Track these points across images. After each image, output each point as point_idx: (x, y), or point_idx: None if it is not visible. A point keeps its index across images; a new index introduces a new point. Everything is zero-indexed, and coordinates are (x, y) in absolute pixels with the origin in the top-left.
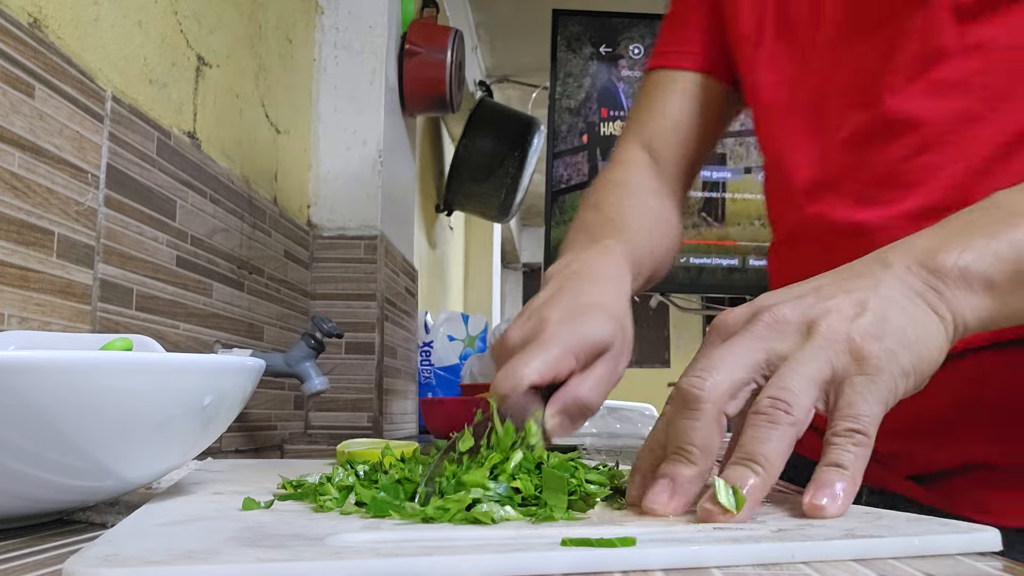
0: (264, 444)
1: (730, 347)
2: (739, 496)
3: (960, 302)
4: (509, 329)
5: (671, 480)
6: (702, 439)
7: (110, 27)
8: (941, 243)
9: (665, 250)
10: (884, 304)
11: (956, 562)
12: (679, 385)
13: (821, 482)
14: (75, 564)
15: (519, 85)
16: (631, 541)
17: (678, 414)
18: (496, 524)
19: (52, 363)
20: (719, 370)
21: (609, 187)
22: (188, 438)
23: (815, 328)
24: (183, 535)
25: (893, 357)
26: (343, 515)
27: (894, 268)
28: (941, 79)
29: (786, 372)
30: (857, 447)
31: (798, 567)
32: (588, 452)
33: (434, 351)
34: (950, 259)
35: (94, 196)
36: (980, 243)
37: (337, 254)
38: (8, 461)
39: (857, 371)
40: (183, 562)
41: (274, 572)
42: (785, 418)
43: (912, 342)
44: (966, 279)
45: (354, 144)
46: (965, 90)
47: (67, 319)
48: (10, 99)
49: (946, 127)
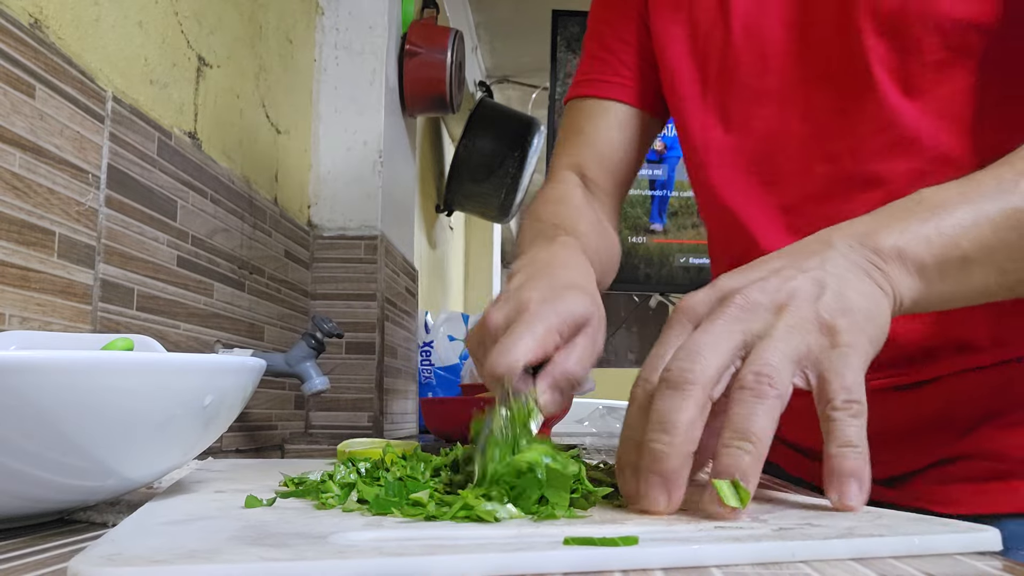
0: (265, 444)
1: (708, 331)
2: (742, 490)
3: (898, 280)
4: (489, 312)
5: (661, 476)
6: (687, 418)
7: (111, 27)
8: (878, 226)
9: (607, 256)
10: (838, 280)
11: (956, 562)
12: (667, 368)
13: (841, 473)
14: (80, 563)
15: (519, 85)
16: (633, 540)
17: (663, 395)
18: (498, 523)
19: (53, 363)
20: (704, 355)
21: (549, 203)
22: (189, 438)
23: (785, 308)
24: (186, 534)
25: (860, 329)
26: (345, 513)
27: (837, 247)
28: (896, 140)
29: (765, 349)
30: (856, 417)
31: (798, 566)
32: (588, 451)
33: (434, 351)
34: (889, 240)
35: (95, 196)
36: (913, 229)
37: (337, 254)
38: (9, 461)
39: (832, 344)
40: (186, 561)
41: (277, 571)
42: (771, 391)
43: (873, 314)
44: (902, 259)
45: (354, 144)
46: (917, 150)
47: (68, 319)
48: (11, 99)
49: (905, 184)
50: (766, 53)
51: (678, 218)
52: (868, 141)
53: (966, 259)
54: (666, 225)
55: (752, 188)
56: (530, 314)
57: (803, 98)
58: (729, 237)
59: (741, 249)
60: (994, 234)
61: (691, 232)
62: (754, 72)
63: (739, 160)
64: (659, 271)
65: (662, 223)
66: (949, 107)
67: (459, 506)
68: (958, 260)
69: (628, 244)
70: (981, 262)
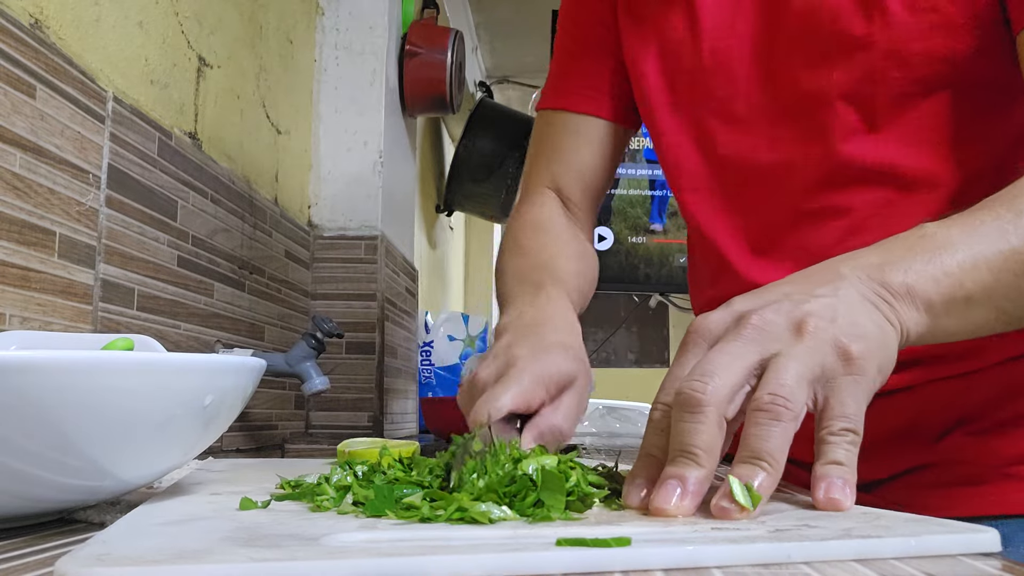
0: (265, 444)
1: (724, 351)
2: (754, 494)
3: (905, 316)
4: (479, 370)
5: (680, 481)
6: (706, 441)
7: (111, 28)
8: (885, 261)
9: (589, 286)
10: (850, 309)
11: (956, 562)
12: (680, 390)
13: (828, 479)
14: (67, 564)
15: (519, 86)
16: (626, 541)
17: (680, 419)
18: (493, 524)
19: (53, 363)
20: (718, 375)
21: (528, 230)
22: (189, 438)
23: (803, 329)
24: (178, 535)
25: (873, 357)
26: (340, 515)
27: (848, 278)
28: (860, 174)
29: (781, 369)
30: (851, 445)
31: (799, 567)
32: (588, 452)
33: (434, 351)
34: (897, 276)
35: (95, 196)
36: (919, 267)
37: (338, 254)
38: (9, 460)
39: (844, 371)
40: (175, 562)
41: (266, 572)
42: (786, 414)
43: (883, 344)
44: (912, 296)
45: (355, 145)
46: (884, 180)
47: (68, 319)
48: (11, 100)
49: (870, 211)
50: (734, 77)
51: (678, 218)
52: (834, 174)
53: (969, 299)
54: (666, 225)
55: (720, 213)
56: (518, 369)
57: (768, 127)
58: (705, 255)
59: (715, 267)
60: (993, 276)
61: None
62: (723, 96)
63: (711, 184)
64: (659, 271)
65: (662, 223)
66: (916, 134)
67: (453, 507)
68: (963, 299)
69: (628, 244)
70: (982, 302)
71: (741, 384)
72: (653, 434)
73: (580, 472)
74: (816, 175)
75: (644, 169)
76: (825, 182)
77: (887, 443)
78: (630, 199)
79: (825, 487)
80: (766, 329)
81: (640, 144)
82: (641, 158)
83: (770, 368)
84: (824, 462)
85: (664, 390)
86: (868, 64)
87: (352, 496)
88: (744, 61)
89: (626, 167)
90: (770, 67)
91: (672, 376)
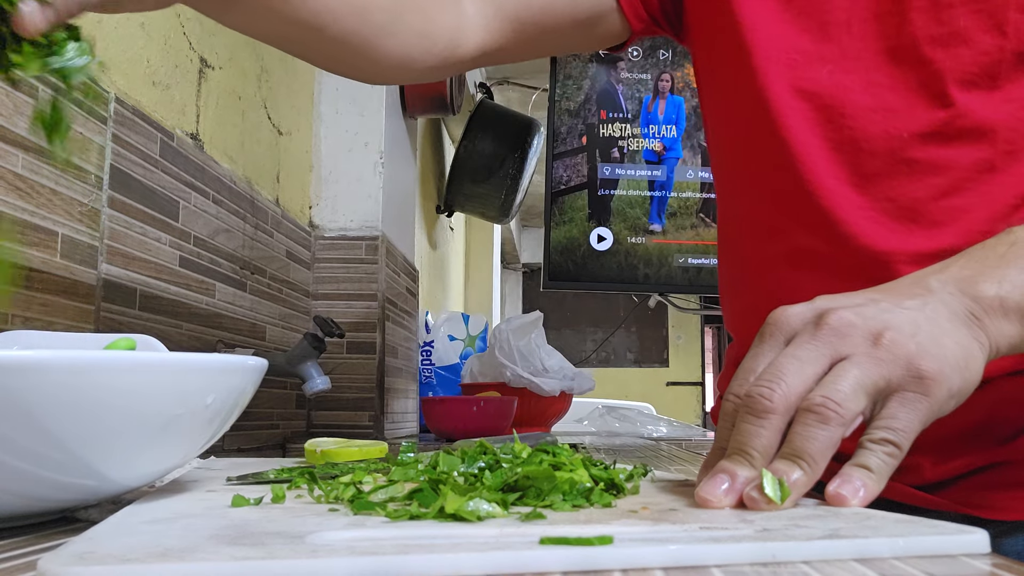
0: (266, 443)
1: (797, 354)
2: (784, 488)
3: (996, 329)
4: None
5: (730, 476)
6: (764, 445)
7: (113, 29)
8: (977, 273)
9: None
10: (934, 326)
11: (956, 562)
12: (749, 392)
13: (847, 477)
14: (49, 562)
15: (519, 87)
16: (608, 540)
17: (745, 419)
18: (481, 521)
19: (55, 363)
20: (787, 381)
21: None
22: (191, 437)
23: (880, 340)
24: (165, 533)
25: (945, 379)
26: (331, 513)
27: (937, 292)
28: (963, 129)
29: (842, 374)
30: (888, 456)
31: (797, 566)
32: (588, 451)
33: (435, 351)
34: (990, 289)
35: (97, 197)
36: (1013, 275)
37: (338, 254)
38: (11, 460)
39: (911, 387)
40: (158, 560)
41: (247, 571)
42: (835, 418)
43: (962, 366)
44: (1004, 308)
45: (355, 146)
46: (988, 142)
47: (71, 319)
48: (14, 100)
49: (969, 173)
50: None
51: (677, 219)
52: (934, 128)
53: None
54: (665, 226)
55: (813, 139)
56: None
57: (872, 70)
58: (776, 167)
59: (784, 184)
60: None
61: (690, 233)
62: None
63: (797, 103)
64: (658, 271)
65: (661, 224)
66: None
67: (439, 505)
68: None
69: (627, 244)
70: None
71: (810, 388)
72: (723, 428)
73: (580, 466)
74: (918, 123)
75: (643, 170)
76: (927, 131)
77: (958, 440)
78: (629, 199)
79: (839, 482)
80: (843, 331)
81: (640, 145)
82: (640, 159)
83: (832, 371)
84: (853, 463)
85: (738, 380)
86: (1000, 14)
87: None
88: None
89: (626, 167)
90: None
91: (745, 368)
